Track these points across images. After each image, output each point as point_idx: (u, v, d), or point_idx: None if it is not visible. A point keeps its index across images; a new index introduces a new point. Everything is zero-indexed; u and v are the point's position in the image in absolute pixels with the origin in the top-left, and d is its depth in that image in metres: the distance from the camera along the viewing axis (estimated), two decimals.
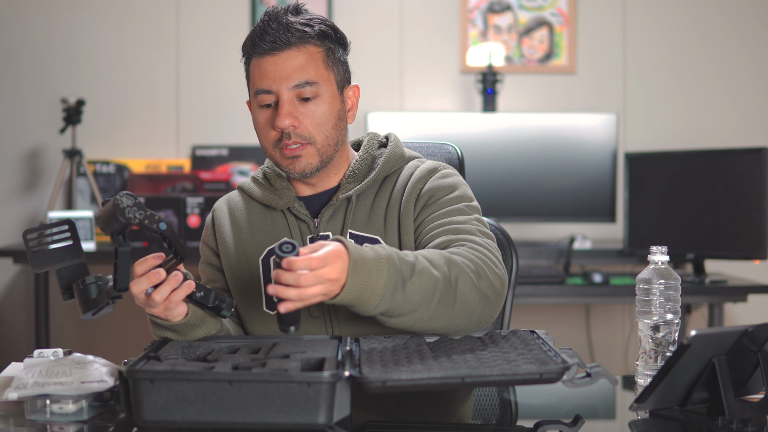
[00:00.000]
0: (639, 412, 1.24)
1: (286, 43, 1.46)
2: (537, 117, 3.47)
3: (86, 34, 3.69)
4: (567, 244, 3.28)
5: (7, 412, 1.25)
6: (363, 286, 1.22)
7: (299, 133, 1.46)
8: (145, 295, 1.31)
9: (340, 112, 1.51)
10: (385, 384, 1.10)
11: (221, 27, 3.68)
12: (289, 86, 1.46)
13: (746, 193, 3.00)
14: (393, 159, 1.56)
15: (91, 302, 1.31)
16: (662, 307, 1.37)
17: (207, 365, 1.16)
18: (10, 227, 3.68)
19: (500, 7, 3.71)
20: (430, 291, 1.29)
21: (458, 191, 1.53)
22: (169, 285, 1.30)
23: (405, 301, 1.27)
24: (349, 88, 1.55)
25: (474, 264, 1.36)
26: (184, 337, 1.39)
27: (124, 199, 1.24)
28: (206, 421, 1.07)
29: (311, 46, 1.48)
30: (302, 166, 1.49)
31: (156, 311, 1.33)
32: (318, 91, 1.47)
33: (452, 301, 1.31)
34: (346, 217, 1.52)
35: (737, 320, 3.60)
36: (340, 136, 1.52)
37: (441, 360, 1.20)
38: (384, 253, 1.26)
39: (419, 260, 1.29)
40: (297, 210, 1.54)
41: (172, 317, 1.35)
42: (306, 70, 1.46)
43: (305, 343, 1.34)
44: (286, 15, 1.49)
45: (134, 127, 3.70)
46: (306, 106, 1.47)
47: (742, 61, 3.73)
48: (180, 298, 1.31)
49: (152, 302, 1.31)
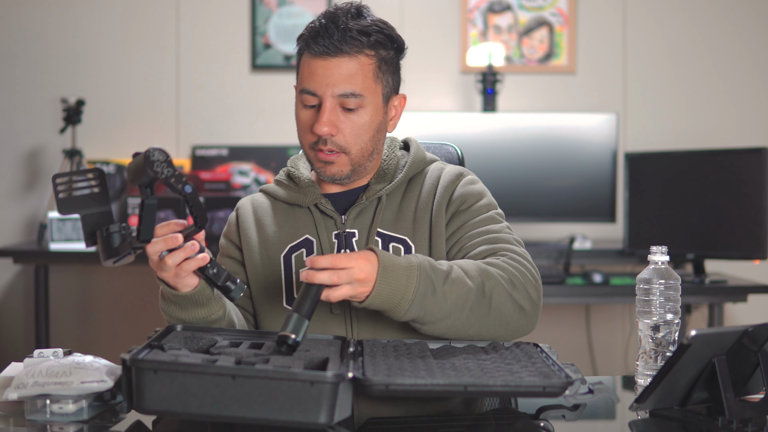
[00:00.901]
0: (639, 412, 1.24)
1: (338, 50, 1.44)
2: (537, 117, 3.47)
3: (86, 33, 3.69)
4: (567, 244, 3.28)
5: (7, 412, 1.25)
6: (392, 290, 1.27)
7: (335, 141, 1.47)
8: (159, 258, 1.31)
9: (381, 124, 1.52)
10: (388, 387, 1.10)
11: (221, 27, 3.69)
12: (335, 94, 1.45)
13: (746, 193, 3.00)
14: (417, 161, 1.59)
15: (113, 250, 1.31)
16: (662, 307, 1.37)
17: (210, 358, 1.16)
18: (10, 227, 3.68)
19: (500, 7, 3.71)
20: (462, 299, 1.33)
21: (486, 198, 1.57)
22: (183, 252, 1.31)
23: (436, 308, 1.31)
24: (396, 98, 1.55)
25: (510, 275, 1.40)
26: (186, 314, 1.39)
27: (156, 154, 1.26)
28: (207, 414, 1.07)
29: (363, 57, 1.46)
30: (333, 172, 1.50)
31: (166, 275, 1.34)
32: (362, 103, 1.47)
33: (486, 311, 1.36)
34: (375, 216, 1.53)
35: (737, 320, 3.60)
36: (377, 147, 1.53)
37: (444, 367, 1.21)
38: (416, 260, 1.31)
39: (453, 269, 1.34)
40: (324, 206, 1.55)
41: (181, 286, 1.35)
42: (354, 81, 1.45)
43: (309, 342, 1.34)
44: (346, 18, 1.46)
45: (134, 127, 3.70)
46: (347, 115, 1.47)
47: (742, 61, 3.73)
48: (192, 267, 1.32)
49: (164, 266, 1.31)
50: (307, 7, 3.67)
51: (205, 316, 1.40)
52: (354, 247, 1.52)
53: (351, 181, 1.55)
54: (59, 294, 3.63)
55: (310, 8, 3.67)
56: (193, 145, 3.65)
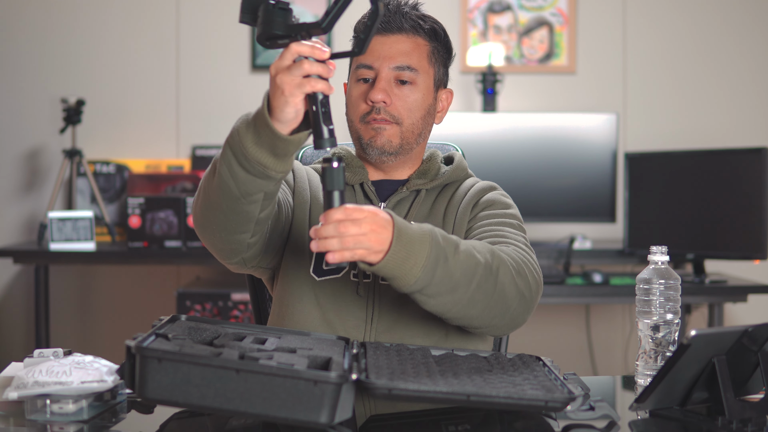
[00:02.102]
0: (639, 412, 1.24)
1: (398, 27, 1.53)
2: (537, 117, 3.47)
3: (86, 34, 3.69)
4: (567, 244, 3.28)
5: (7, 412, 1.24)
6: (405, 254, 1.23)
7: (389, 111, 1.51)
8: (293, 61, 1.21)
9: (431, 108, 1.57)
10: (391, 392, 1.10)
11: (221, 27, 3.69)
12: (391, 66, 1.51)
13: (746, 193, 3.00)
14: (458, 170, 1.63)
15: (277, 26, 1.20)
16: (662, 307, 1.38)
17: (214, 350, 1.16)
18: (10, 227, 3.68)
19: (500, 7, 3.71)
20: (470, 272, 1.30)
21: (513, 210, 1.60)
22: (322, 67, 1.20)
23: (445, 277, 1.27)
24: (444, 91, 1.62)
25: (515, 261, 1.39)
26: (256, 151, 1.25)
27: None
28: (208, 406, 1.07)
29: (420, 38, 1.55)
30: (383, 142, 1.52)
31: (290, 80, 1.19)
32: (416, 78, 1.53)
33: (491, 289, 1.32)
34: (412, 208, 1.56)
35: (737, 320, 3.60)
36: (425, 130, 1.58)
37: (447, 375, 1.21)
38: (428, 227, 1.28)
39: (462, 242, 1.32)
40: (368, 188, 1.58)
41: (291, 103, 1.21)
42: (410, 56, 1.52)
43: (312, 340, 1.34)
44: (406, 6, 1.57)
45: (134, 127, 3.70)
46: (401, 89, 1.52)
47: (742, 61, 3.73)
48: (318, 87, 1.20)
49: (297, 69, 1.19)
50: (307, 7, 3.67)
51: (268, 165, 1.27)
52: None
53: (396, 160, 1.56)
54: (59, 294, 3.63)
55: (310, 8, 3.67)
56: (193, 145, 3.65)
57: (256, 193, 1.31)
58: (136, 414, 1.26)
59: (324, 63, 1.21)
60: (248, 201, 1.32)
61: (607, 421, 1.18)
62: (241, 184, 1.29)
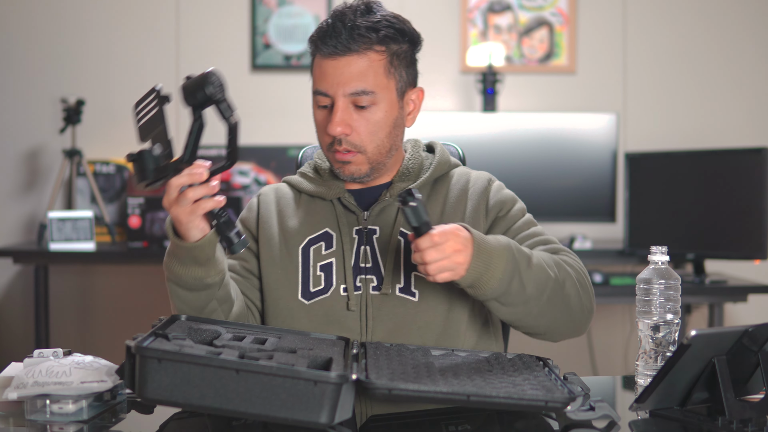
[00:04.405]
0: (639, 412, 1.24)
1: (346, 48, 1.44)
2: (537, 117, 3.47)
3: (86, 34, 3.69)
4: (567, 244, 3.28)
5: (7, 412, 1.25)
6: (484, 268, 1.32)
7: (350, 141, 1.47)
8: (178, 192, 1.31)
9: (397, 119, 1.52)
10: (391, 392, 1.10)
11: (221, 27, 3.68)
12: (346, 93, 1.45)
13: (746, 193, 3.00)
14: (443, 163, 1.59)
15: (150, 172, 1.32)
16: (662, 307, 1.37)
17: (214, 351, 1.15)
18: (10, 227, 3.68)
19: (500, 7, 3.71)
20: (542, 285, 1.38)
21: (519, 203, 1.60)
22: (205, 188, 1.31)
23: (520, 289, 1.36)
24: (412, 92, 1.55)
25: (578, 273, 1.46)
26: (184, 271, 1.38)
27: (214, 77, 1.30)
28: (208, 406, 1.07)
29: (373, 53, 1.46)
30: (351, 171, 1.51)
31: (180, 211, 1.32)
32: (374, 100, 1.47)
33: (560, 302, 1.41)
34: (398, 215, 1.53)
35: (737, 320, 3.60)
36: (394, 143, 1.53)
37: (447, 376, 1.21)
38: (504, 241, 1.36)
39: (534, 254, 1.40)
40: (347, 201, 1.54)
41: (192, 227, 1.34)
42: (364, 78, 1.45)
43: (313, 340, 1.34)
44: (354, 16, 1.46)
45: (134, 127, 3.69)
46: (361, 113, 1.47)
47: (742, 60, 3.73)
48: (208, 207, 1.32)
49: (183, 200, 1.31)
50: (307, 7, 3.67)
51: (201, 277, 1.39)
52: (375, 244, 1.52)
53: (372, 179, 1.55)
54: (59, 294, 3.63)
55: (310, 8, 3.67)
56: None
57: (209, 303, 1.43)
58: (135, 414, 1.26)
59: (207, 182, 1.32)
60: (209, 311, 1.44)
61: (607, 421, 1.18)
62: (191, 302, 1.42)
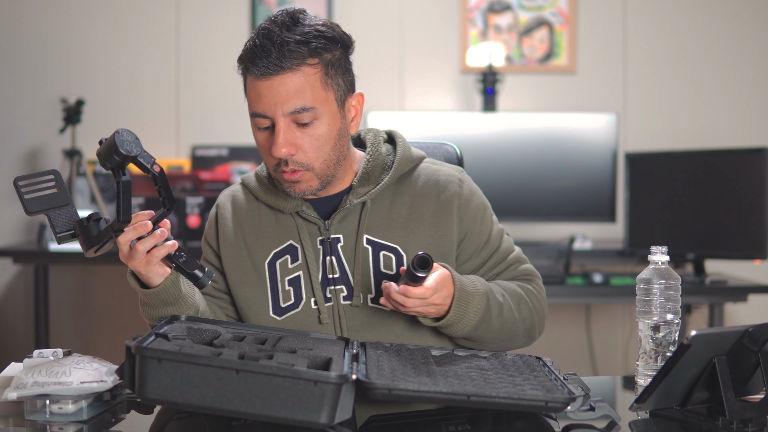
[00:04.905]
0: (639, 412, 1.24)
1: (279, 67, 1.39)
2: (537, 117, 3.47)
3: (86, 34, 3.69)
4: (567, 244, 3.28)
5: (7, 412, 1.25)
6: (458, 318, 1.42)
7: (297, 160, 1.42)
8: (129, 247, 1.34)
9: (341, 129, 1.46)
10: (391, 392, 1.11)
11: (221, 27, 3.68)
12: (285, 112, 1.40)
13: (746, 193, 3.00)
14: (404, 161, 1.53)
15: (95, 238, 1.34)
16: (662, 307, 1.37)
17: (214, 351, 1.15)
18: (10, 227, 3.68)
19: (500, 7, 3.71)
20: (507, 329, 1.50)
21: (488, 212, 1.59)
22: (153, 238, 1.34)
23: (485, 333, 1.47)
24: (353, 98, 1.48)
25: (536, 309, 1.56)
26: (158, 314, 1.42)
27: (125, 134, 1.32)
28: (208, 406, 1.07)
29: (307, 67, 1.40)
30: (302, 189, 1.46)
31: (137, 264, 1.36)
32: (315, 115, 1.41)
33: (516, 336, 1.54)
34: (361, 222, 1.49)
35: (737, 320, 3.60)
36: (341, 154, 1.47)
37: (448, 375, 1.21)
38: (482, 288, 1.45)
39: (506, 300, 1.50)
40: (306, 213, 1.50)
41: (153, 275, 1.38)
42: (302, 95, 1.39)
43: (312, 340, 1.34)
44: (281, 31, 1.41)
45: (134, 127, 3.61)
46: (304, 130, 1.41)
47: (742, 61, 3.73)
48: (162, 254, 1.35)
49: (135, 253, 1.34)
50: (307, 7, 3.66)
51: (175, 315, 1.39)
52: (340, 253, 1.49)
53: (325, 190, 1.51)
54: (59, 294, 3.63)
55: (310, 8, 3.66)
56: (193, 145, 3.65)
57: None
58: (135, 414, 1.26)
59: (152, 232, 1.34)
60: None
61: (607, 421, 1.18)
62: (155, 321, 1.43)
